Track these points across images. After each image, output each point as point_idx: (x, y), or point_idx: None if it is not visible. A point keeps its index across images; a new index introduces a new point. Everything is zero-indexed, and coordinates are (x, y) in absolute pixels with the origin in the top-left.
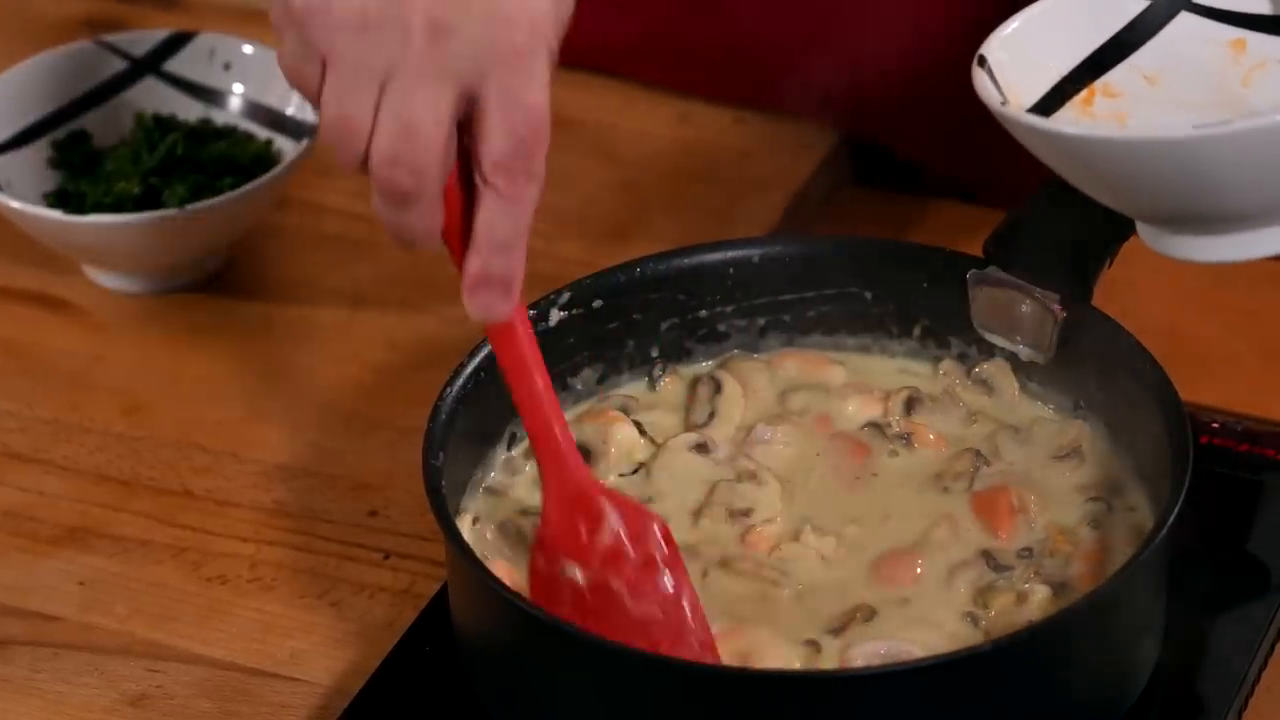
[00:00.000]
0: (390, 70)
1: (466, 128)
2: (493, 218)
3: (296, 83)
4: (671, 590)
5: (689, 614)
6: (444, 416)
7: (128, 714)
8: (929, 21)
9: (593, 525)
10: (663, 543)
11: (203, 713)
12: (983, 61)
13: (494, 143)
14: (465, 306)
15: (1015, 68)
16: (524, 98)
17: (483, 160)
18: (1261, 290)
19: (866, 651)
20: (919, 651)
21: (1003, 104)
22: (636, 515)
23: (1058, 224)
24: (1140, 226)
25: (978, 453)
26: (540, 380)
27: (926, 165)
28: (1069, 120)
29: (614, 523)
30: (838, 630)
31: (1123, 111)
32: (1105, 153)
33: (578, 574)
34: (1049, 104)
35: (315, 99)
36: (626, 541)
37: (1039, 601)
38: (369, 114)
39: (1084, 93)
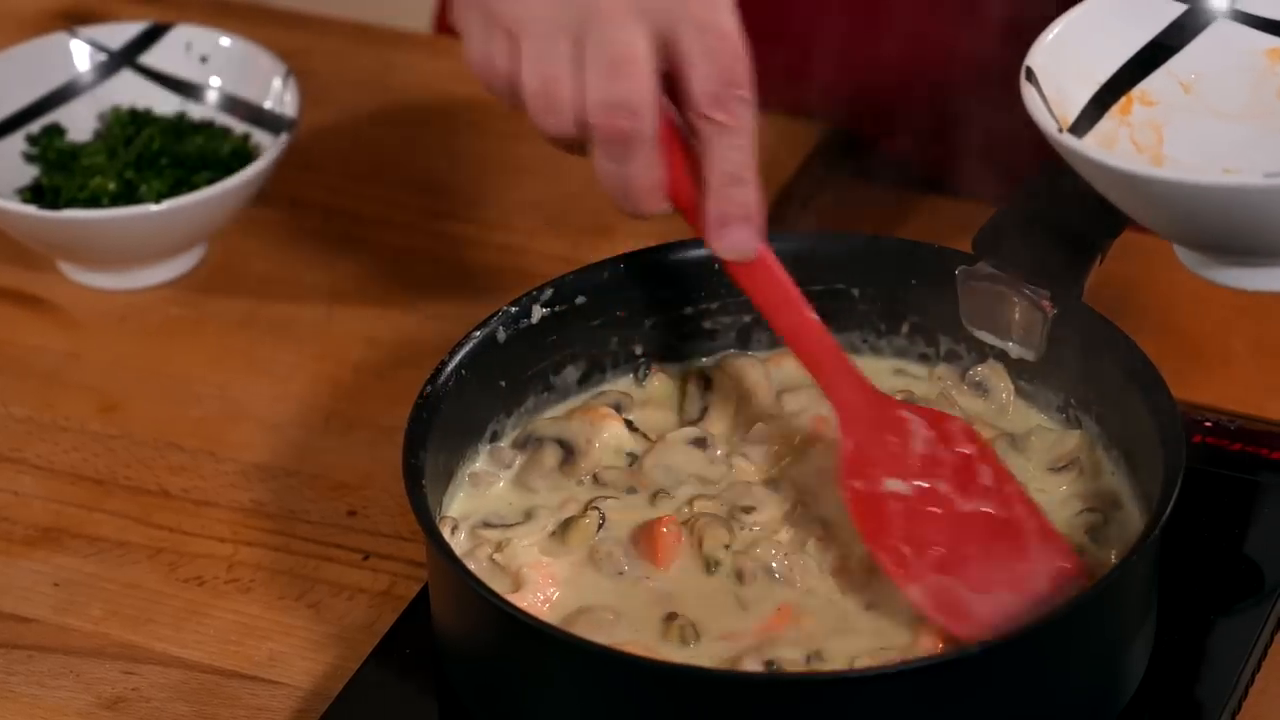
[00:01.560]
0: (584, 22)
1: (668, 83)
2: (719, 151)
3: (487, 72)
4: (993, 481)
5: (1016, 500)
6: (425, 415)
7: (103, 717)
8: (915, 16)
9: (901, 437)
10: (970, 439)
11: (180, 716)
12: (1030, 75)
13: (700, 74)
14: (714, 250)
15: (1058, 76)
16: (718, 24)
17: (694, 96)
18: None
19: None
20: None
21: (1060, 132)
22: (939, 418)
23: (1049, 220)
24: (1181, 252)
25: None
26: (805, 309)
27: (914, 161)
28: (1108, 130)
29: (920, 429)
30: None
31: (1159, 121)
32: (1169, 192)
33: (899, 486)
34: (1091, 115)
35: (508, 83)
36: (936, 443)
37: None
38: (570, 72)
39: (1122, 101)
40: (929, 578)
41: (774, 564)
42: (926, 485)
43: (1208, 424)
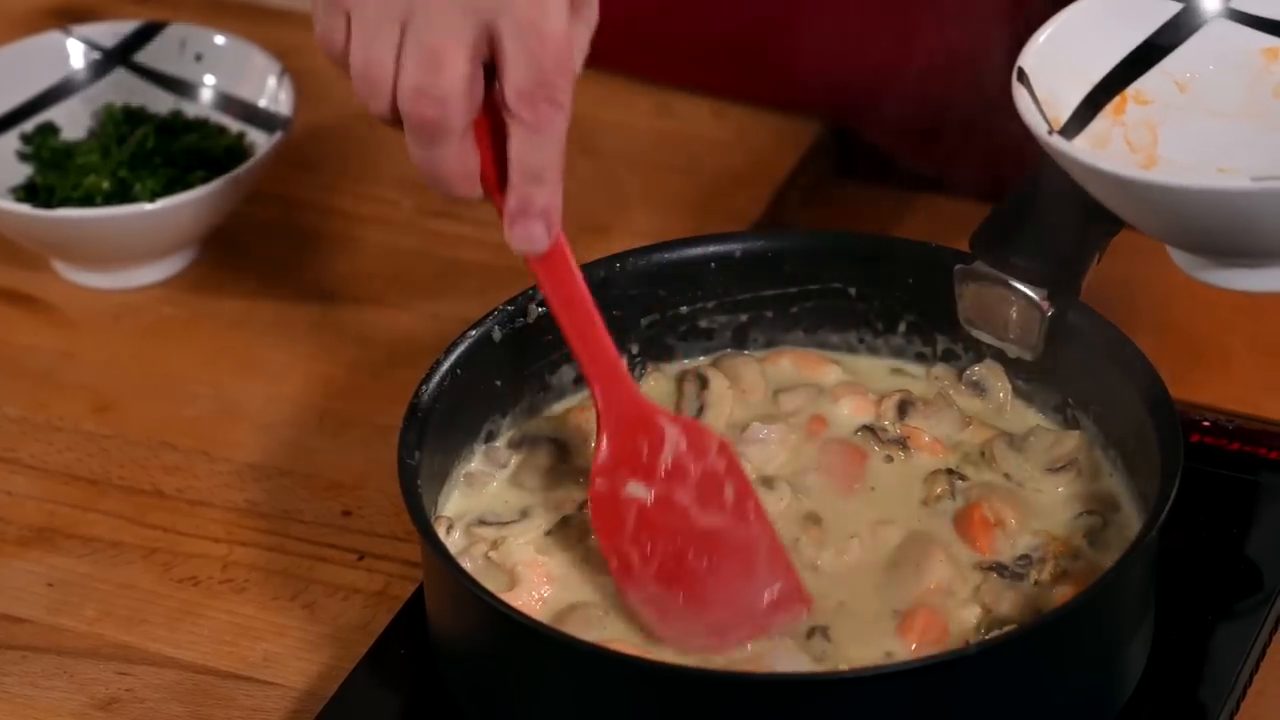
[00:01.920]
0: (411, 9)
1: (492, 72)
2: (523, 149)
3: (327, 49)
4: (735, 500)
5: (754, 521)
6: (419, 415)
7: (97, 718)
8: (910, 12)
9: (653, 443)
10: (723, 455)
11: (174, 717)
12: (1022, 76)
13: (514, 72)
14: (507, 241)
15: (1051, 77)
16: (541, 26)
17: (506, 92)
18: None
19: None
20: None
21: (1049, 133)
22: (695, 431)
23: (1046, 218)
24: (1173, 253)
25: (949, 471)
26: (588, 308)
27: (911, 159)
28: (1101, 130)
29: (674, 439)
30: None
31: (1154, 120)
32: (1156, 195)
33: (642, 492)
34: (1083, 115)
35: (343, 61)
36: (687, 456)
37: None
38: (393, 56)
39: (1116, 100)
40: (651, 586)
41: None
42: (668, 495)
43: (1206, 423)
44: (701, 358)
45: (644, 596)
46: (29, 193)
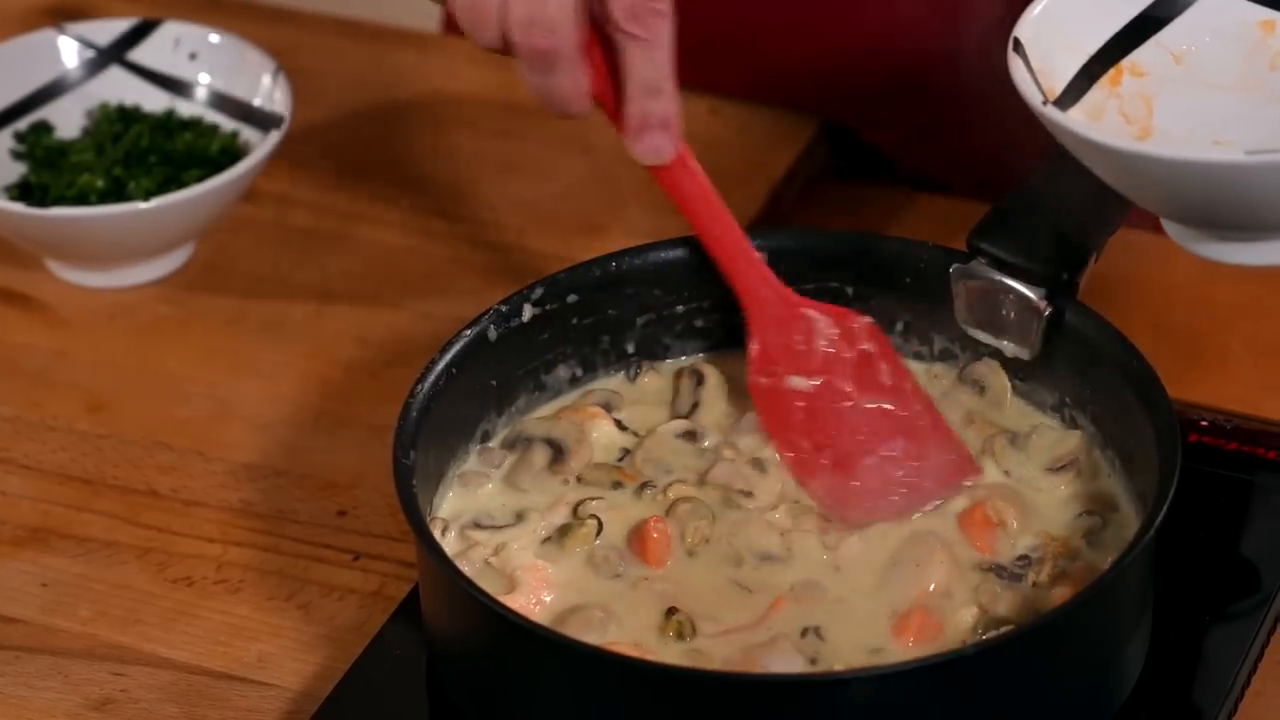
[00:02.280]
0: None
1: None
2: (635, 63)
3: None
4: (892, 380)
5: (914, 397)
6: (415, 414)
7: (92, 718)
8: (907, 10)
9: (805, 335)
10: (873, 338)
11: (168, 717)
12: (1018, 46)
13: None
14: (632, 154)
15: (1046, 48)
16: None
17: (613, 11)
18: (1252, 286)
19: None
20: None
21: (1044, 104)
22: (844, 317)
23: (1044, 218)
24: (1168, 225)
25: None
26: (719, 210)
27: (908, 158)
28: (1097, 102)
29: (824, 328)
30: None
31: (1149, 93)
32: (1151, 167)
33: (802, 383)
34: (1079, 87)
35: None
36: (840, 342)
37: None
38: None
39: (1111, 72)
40: (826, 472)
41: (773, 549)
42: (828, 382)
43: (1204, 423)
44: (700, 355)
45: (822, 484)
46: (23, 191)
